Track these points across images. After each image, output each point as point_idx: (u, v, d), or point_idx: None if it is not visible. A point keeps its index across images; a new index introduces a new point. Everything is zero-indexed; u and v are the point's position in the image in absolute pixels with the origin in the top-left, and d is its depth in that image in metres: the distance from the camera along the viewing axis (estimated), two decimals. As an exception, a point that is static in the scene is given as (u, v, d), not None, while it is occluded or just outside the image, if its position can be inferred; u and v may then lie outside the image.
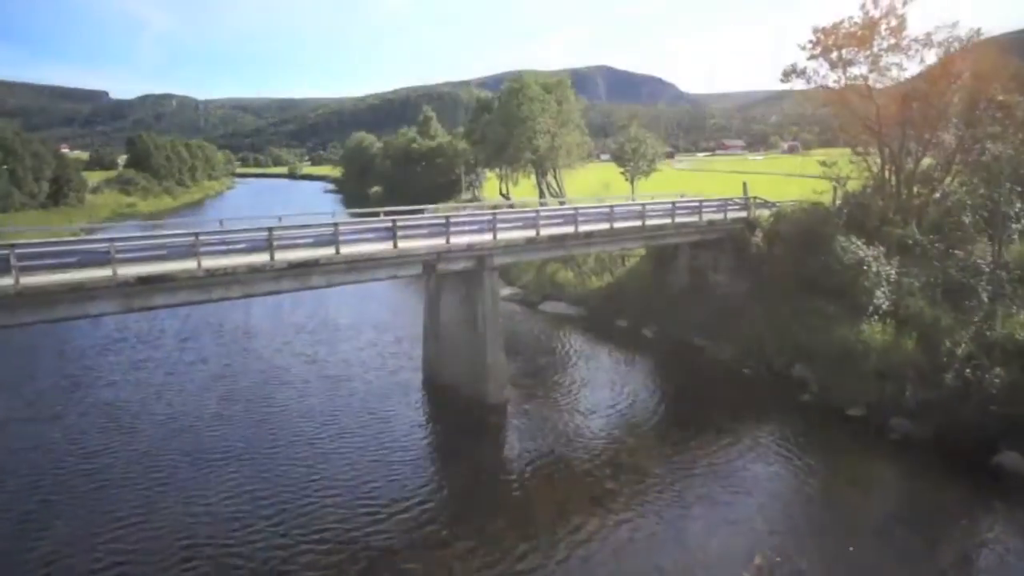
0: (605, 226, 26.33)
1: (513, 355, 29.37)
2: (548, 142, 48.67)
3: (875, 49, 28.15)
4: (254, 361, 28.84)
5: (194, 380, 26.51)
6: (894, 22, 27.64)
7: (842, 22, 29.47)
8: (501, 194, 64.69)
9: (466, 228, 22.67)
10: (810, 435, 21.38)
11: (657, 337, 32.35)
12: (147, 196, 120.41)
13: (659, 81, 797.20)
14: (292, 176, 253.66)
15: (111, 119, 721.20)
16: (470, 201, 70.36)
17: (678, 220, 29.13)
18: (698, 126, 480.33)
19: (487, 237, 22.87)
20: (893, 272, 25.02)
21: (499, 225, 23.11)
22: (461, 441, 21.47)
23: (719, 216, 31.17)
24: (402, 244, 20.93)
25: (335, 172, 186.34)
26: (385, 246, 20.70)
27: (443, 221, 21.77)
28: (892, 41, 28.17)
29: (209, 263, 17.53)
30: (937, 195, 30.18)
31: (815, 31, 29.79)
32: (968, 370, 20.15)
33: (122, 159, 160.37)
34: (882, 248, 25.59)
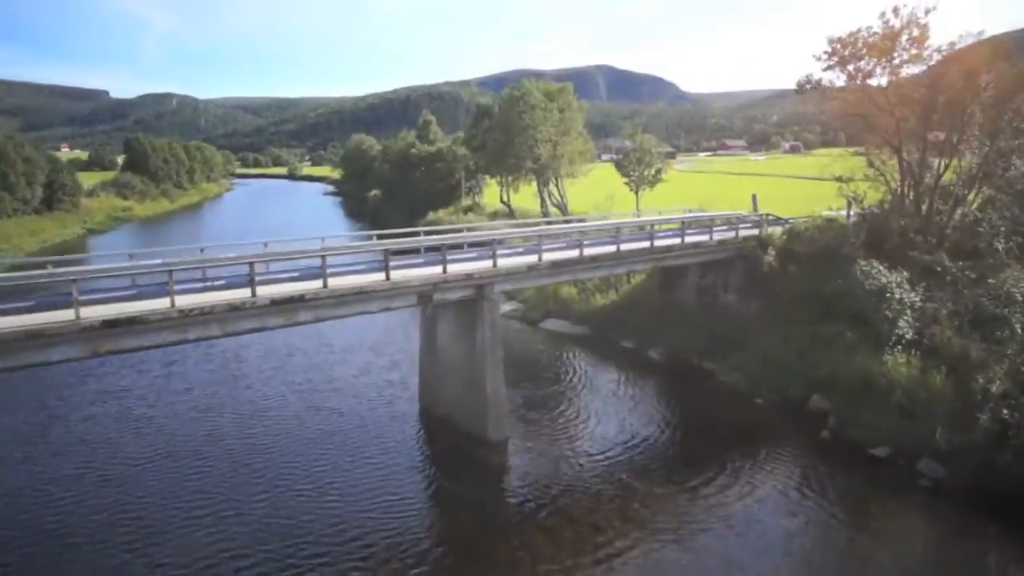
0: (611, 249, 24.93)
1: (513, 381, 27.93)
2: (550, 151, 47.22)
3: (896, 60, 26.68)
4: (242, 391, 27.42)
5: (177, 413, 25.07)
6: (916, 32, 26.20)
7: (859, 31, 28.08)
8: (502, 201, 63.21)
9: (464, 256, 21.21)
10: (832, 479, 19.96)
11: (664, 360, 30.93)
12: (144, 200, 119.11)
13: (660, 80, 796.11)
14: (292, 177, 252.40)
15: (111, 118, 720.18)
16: (470, 208, 68.96)
17: (688, 240, 27.75)
18: (699, 126, 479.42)
19: (486, 264, 21.47)
20: (918, 299, 23.60)
21: (499, 251, 21.69)
22: (458, 485, 20.05)
23: (730, 235, 29.76)
24: (395, 275, 19.53)
25: (335, 173, 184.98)
26: (377, 277, 19.30)
27: (439, 249, 20.32)
28: (914, 52, 26.73)
29: (184, 302, 16.13)
30: (959, 212, 28.84)
31: (830, 41, 28.39)
32: (1005, 410, 18.70)
33: (121, 159, 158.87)
34: (905, 273, 24.16)
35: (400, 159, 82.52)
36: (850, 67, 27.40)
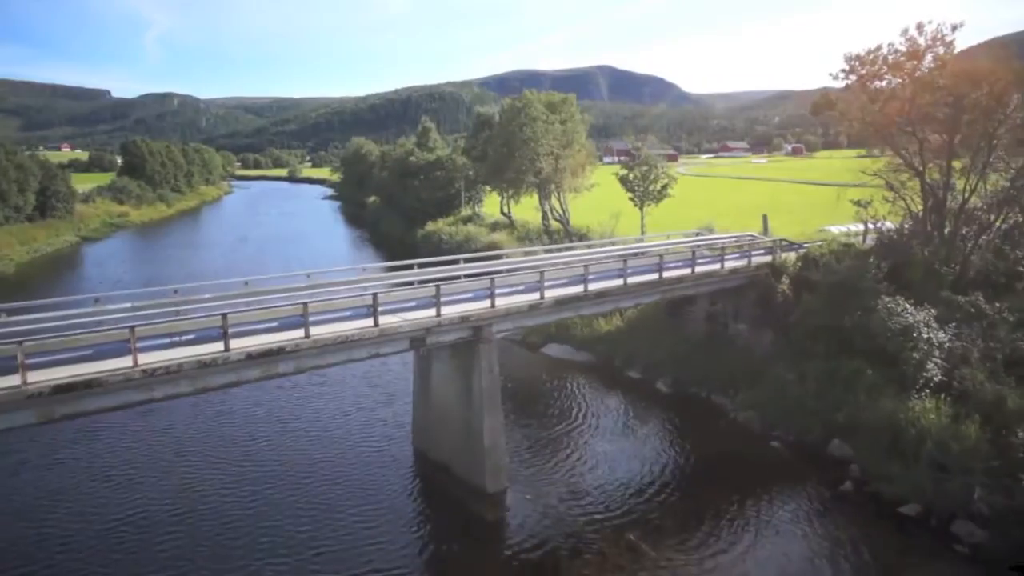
0: (618, 282, 23.35)
1: (514, 416, 26.50)
2: (552, 164, 45.64)
3: (920, 80, 25.08)
4: (225, 427, 25.89)
5: (146, 459, 23.42)
6: (942, 50, 24.58)
7: (879, 49, 26.48)
8: (502, 212, 61.68)
9: (460, 291, 19.67)
10: (859, 540, 18.34)
11: (673, 393, 29.36)
12: (140, 205, 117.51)
13: (661, 81, 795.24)
14: (291, 179, 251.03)
15: (112, 118, 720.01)
16: (470, 219, 67.37)
17: (699, 270, 26.17)
18: (701, 127, 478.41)
19: (484, 304, 19.92)
20: (947, 340, 22.01)
21: (498, 290, 20.12)
22: (453, 544, 18.51)
23: (742, 262, 28.19)
24: (385, 319, 17.98)
25: (335, 176, 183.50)
26: (364, 323, 17.74)
27: (433, 291, 18.75)
28: (939, 70, 25.13)
29: (148, 359, 14.57)
30: (984, 238, 27.28)
31: (847, 59, 26.80)
32: (1051, 470, 17.16)
33: (120, 160, 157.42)
34: (932, 311, 22.57)
35: (399, 167, 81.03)
36: (870, 87, 25.79)
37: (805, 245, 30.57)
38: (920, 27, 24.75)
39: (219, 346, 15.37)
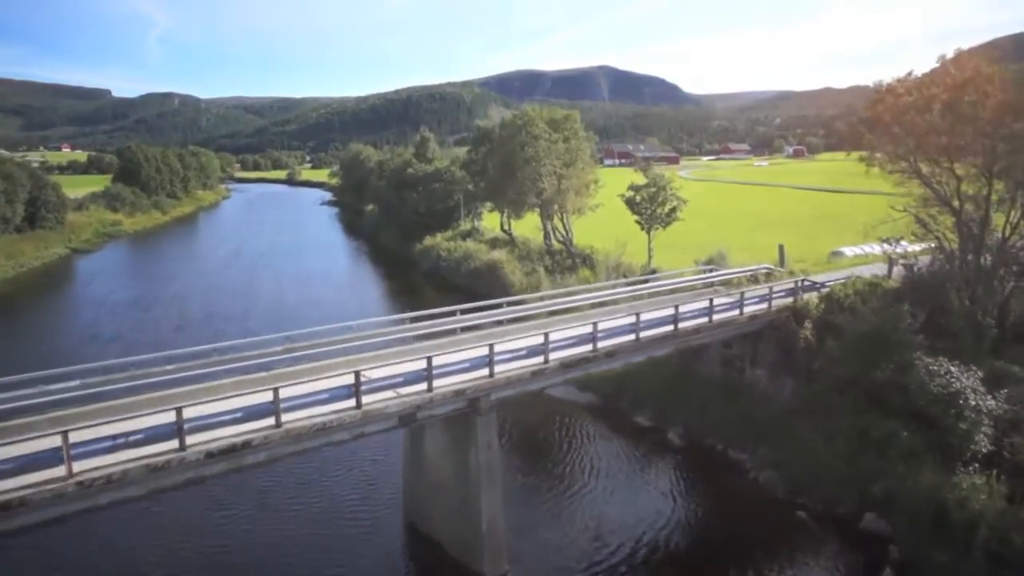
0: (630, 338, 21.21)
1: (514, 469, 24.46)
2: (554, 186, 43.47)
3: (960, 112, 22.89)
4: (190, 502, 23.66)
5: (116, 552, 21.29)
6: (987, 87, 22.34)
7: (908, 76, 24.30)
8: (503, 229, 59.52)
9: (454, 367, 17.52)
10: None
11: (685, 444, 27.22)
12: (134, 212, 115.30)
13: (662, 81, 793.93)
14: (291, 182, 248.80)
15: (113, 118, 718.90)
16: (469, 234, 65.23)
17: (717, 318, 24.02)
18: (702, 128, 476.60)
19: (481, 373, 17.79)
20: (996, 407, 19.86)
21: (497, 356, 17.97)
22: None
23: (762, 307, 26.04)
24: (369, 398, 15.84)
25: (334, 180, 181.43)
26: (345, 404, 15.60)
27: (424, 364, 16.56)
28: (980, 102, 22.94)
29: (84, 466, 12.44)
30: (1025, 280, 25.16)
31: (877, 90, 24.64)
32: None
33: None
34: (980, 373, 20.42)
35: (396, 177, 78.87)
36: (903, 120, 23.60)
37: (827, 284, 28.39)
38: (959, 58, 22.59)
39: (173, 443, 13.23)
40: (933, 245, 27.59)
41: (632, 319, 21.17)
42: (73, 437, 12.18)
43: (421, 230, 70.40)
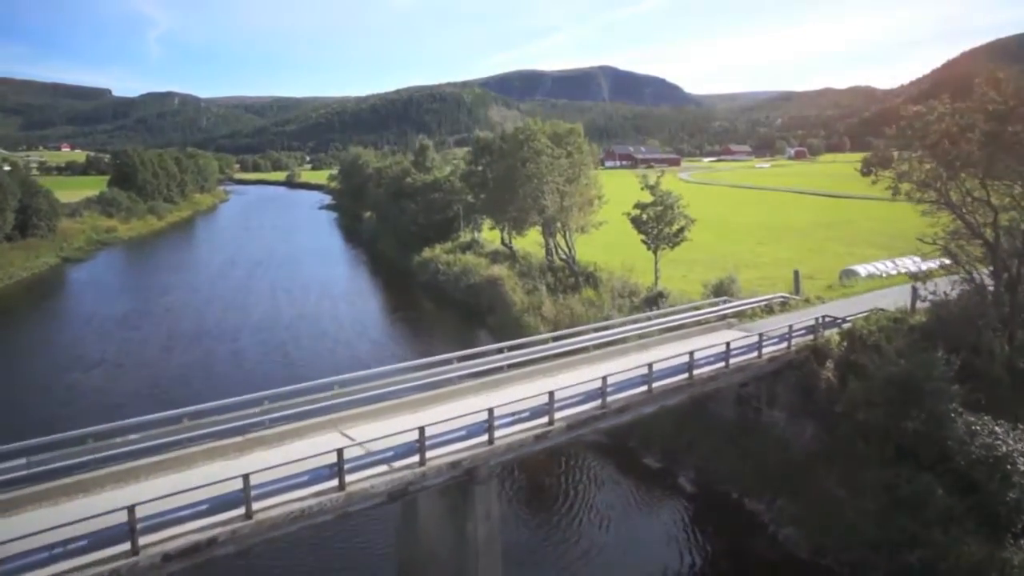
0: (642, 390, 19.49)
1: (513, 519, 22.78)
2: (557, 203, 41.74)
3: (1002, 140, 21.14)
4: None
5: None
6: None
7: (941, 105, 22.51)
8: (503, 243, 57.82)
9: (450, 435, 15.79)
10: None
11: (698, 491, 25.52)
12: (129, 218, 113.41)
13: (662, 81, 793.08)
14: (290, 184, 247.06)
15: (114, 117, 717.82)
16: (468, 246, 63.48)
17: (734, 361, 22.30)
18: (702, 129, 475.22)
19: (479, 440, 16.07)
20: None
21: (498, 418, 16.24)
22: None
23: (782, 346, 24.31)
24: (353, 477, 14.12)
25: (333, 184, 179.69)
26: (326, 485, 13.87)
27: (416, 437, 14.82)
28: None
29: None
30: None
31: (906, 116, 22.91)
32: None
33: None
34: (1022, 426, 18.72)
35: (394, 185, 77.13)
36: (937, 150, 21.85)
37: (848, 319, 26.63)
38: (1001, 81, 20.83)
39: (124, 546, 11.51)
40: (960, 276, 25.92)
41: (643, 369, 19.41)
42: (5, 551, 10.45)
43: (420, 241, 68.74)
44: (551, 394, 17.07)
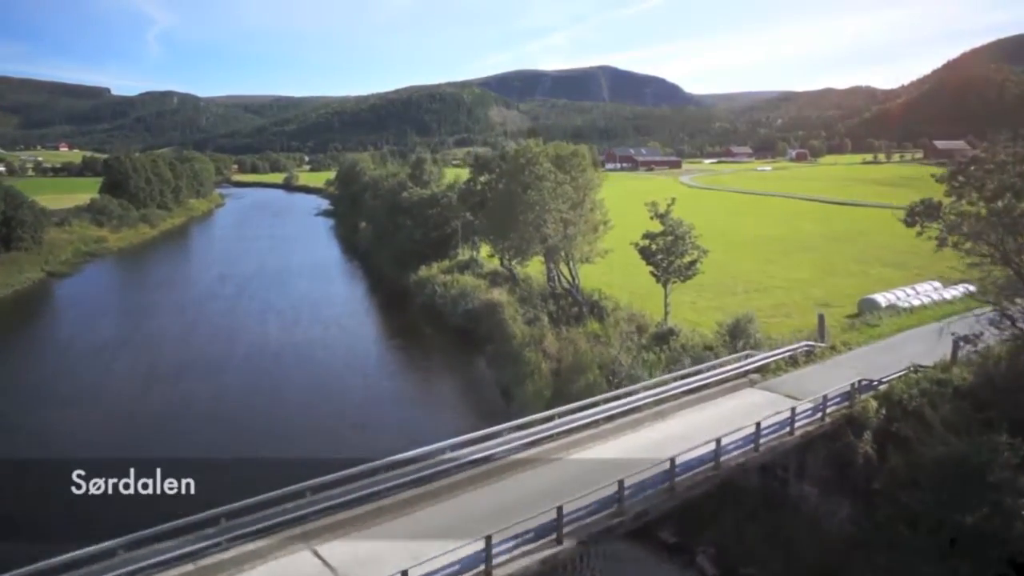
0: (664, 487, 16.92)
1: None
2: (560, 232, 39.17)
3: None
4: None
5: None
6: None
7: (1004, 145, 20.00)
8: (502, 264, 55.32)
9: (440, 572, 13.20)
10: None
11: (720, 572, 22.99)
12: (121, 227, 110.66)
13: (662, 82, 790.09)
14: (288, 187, 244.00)
15: (112, 116, 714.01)
16: (467, 266, 60.96)
17: (763, 441, 19.74)
18: (703, 130, 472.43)
19: (476, 571, 13.47)
20: None
21: (496, 545, 13.66)
22: None
23: (815, 418, 21.74)
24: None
25: (331, 189, 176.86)
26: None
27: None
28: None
29: None
30: None
31: (960, 162, 20.38)
32: None
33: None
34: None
35: (391, 199, 74.49)
36: (998, 203, 19.30)
37: (885, 379, 24.06)
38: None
39: None
40: (1011, 332, 23.39)
41: (665, 464, 16.81)
42: None
43: (416, 257, 66.24)
44: (559, 509, 14.45)
